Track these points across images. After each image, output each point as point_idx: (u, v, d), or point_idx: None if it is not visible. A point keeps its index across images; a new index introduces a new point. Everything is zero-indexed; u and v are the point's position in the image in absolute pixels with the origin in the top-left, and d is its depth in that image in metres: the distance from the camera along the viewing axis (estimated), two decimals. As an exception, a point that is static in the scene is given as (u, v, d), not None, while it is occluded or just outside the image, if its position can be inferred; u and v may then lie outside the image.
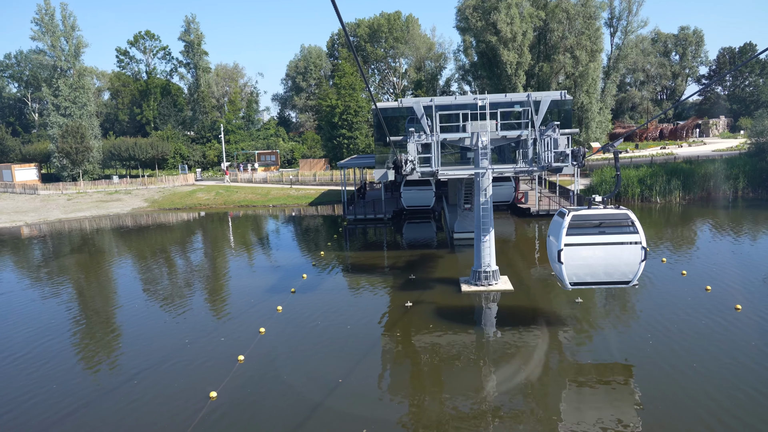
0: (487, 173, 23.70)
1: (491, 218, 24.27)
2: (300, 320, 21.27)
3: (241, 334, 19.96)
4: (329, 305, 22.92)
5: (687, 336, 17.88)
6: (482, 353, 17.63)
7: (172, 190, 62.35)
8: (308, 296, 24.46)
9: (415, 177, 29.07)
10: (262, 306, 23.33)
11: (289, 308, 22.73)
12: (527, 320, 20.18)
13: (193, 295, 25.90)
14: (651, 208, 44.33)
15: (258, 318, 21.72)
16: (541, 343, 18.01)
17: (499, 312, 21.65)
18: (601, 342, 17.95)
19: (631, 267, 16.42)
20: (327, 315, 21.69)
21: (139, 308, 24.01)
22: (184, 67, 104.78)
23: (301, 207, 55.15)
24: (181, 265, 33.05)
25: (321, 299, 23.90)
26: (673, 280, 24.21)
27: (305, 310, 22.36)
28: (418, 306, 22.25)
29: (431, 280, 25.97)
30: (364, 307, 22.62)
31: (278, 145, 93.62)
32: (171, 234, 44.17)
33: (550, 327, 19.39)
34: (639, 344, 17.40)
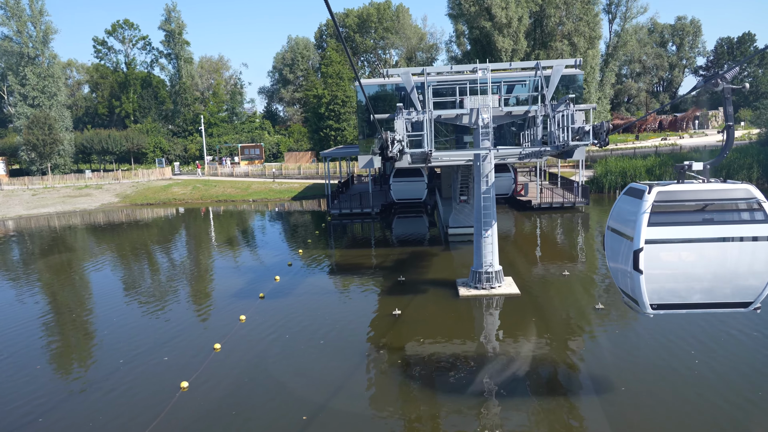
0: (489, 156, 20.08)
1: (494, 210, 20.68)
2: (265, 332, 17.57)
3: (188, 358, 16.21)
4: (302, 314, 19.23)
5: (742, 359, 14.38)
6: (486, 376, 14.04)
7: (147, 185, 58.32)
8: (279, 302, 20.77)
9: (405, 164, 25.44)
10: (223, 314, 19.61)
11: (254, 317, 19.02)
12: (538, 331, 16.60)
13: (131, 306, 22.12)
14: (660, 200, 41.00)
15: (214, 331, 17.99)
16: (557, 366, 14.45)
17: (505, 322, 18.06)
18: (627, 361, 14.41)
19: (760, 279, 9.53)
20: (297, 326, 18.00)
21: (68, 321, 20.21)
22: (165, 57, 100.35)
23: (284, 201, 51.36)
24: (132, 268, 29.19)
25: (293, 306, 20.21)
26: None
27: (273, 320, 18.66)
28: (407, 314, 18.63)
29: (423, 283, 22.37)
30: (343, 316, 18.95)
31: (263, 138, 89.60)
32: (133, 232, 40.22)
33: (566, 342, 15.83)
34: (679, 372, 13.87)
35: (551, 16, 72.68)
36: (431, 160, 20.79)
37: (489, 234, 20.61)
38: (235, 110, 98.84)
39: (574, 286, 21.24)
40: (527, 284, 21.58)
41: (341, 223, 39.12)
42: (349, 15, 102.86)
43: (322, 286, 22.75)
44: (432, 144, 17.85)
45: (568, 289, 20.80)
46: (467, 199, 31.08)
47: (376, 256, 28.55)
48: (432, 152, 17.58)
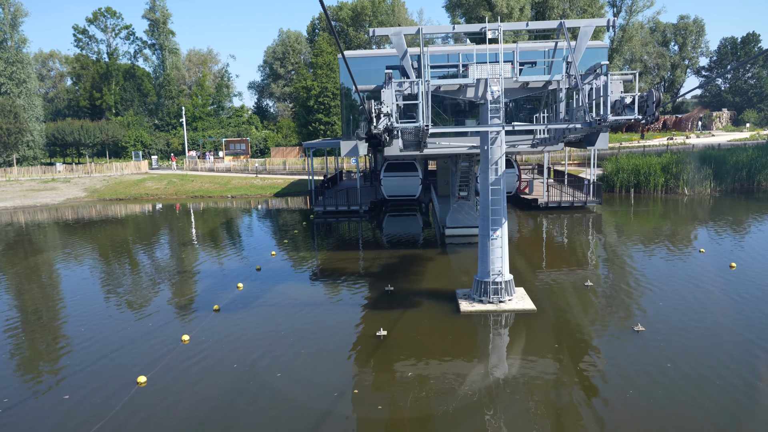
0: (500, 138, 16.12)
1: (504, 206, 16.72)
2: (212, 359, 13.52)
3: (100, 397, 12.11)
4: (260, 336, 15.17)
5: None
6: (497, 419, 10.05)
7: (119, 179, 54.01)
8: (236, 318, 16.69)
9: (396, 152, 21.50)
10: (163, 333, 15.51)
11: (199, 337, 14.95)
12: (565, 364, 12.63)
13: (63, 317, 17.96)
14: (678, 200, 37.25)
15: (145, 357, 13.90)
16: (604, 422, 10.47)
17: (520, 347, 14.05)
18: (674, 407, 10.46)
19: None
20: (249, 353, 13.93)
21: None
22: (149, 48, 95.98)
23: (265, 198, 47.22)
24: (63, 275, 24.97)
25: (253, 323, 16.15)
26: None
27: (221, 343, 14.59)
28: (395, 336, 14.63)
29: (416, 294, 18.36)
30: (311, 339, 14.89)
31: (250, 133, 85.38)
32: (84, 231, 35.95)
33: (604, 380, 11.86)
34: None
35: (555, 8, 69.07)
36: (426, 143, 16.82)
37: (498, 235, 16.64)
38: (221, 103, 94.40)
39: (602, 299, 17.30)
40: (543, 297, 17.62)
41: (325, 221, 35.07)
42: (342, 8, 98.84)
43: (292, 297, 18.67)
44: (428, 118, 13.84)
45: (595, 304, 16.83)
46: (467, 196, 27.12)
47: (361, 259, 24.53)
48: (428, 129, 13.56)
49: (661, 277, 19.35)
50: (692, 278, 18.97)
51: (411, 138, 15.94)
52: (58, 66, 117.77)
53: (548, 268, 21.55)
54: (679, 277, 19.26)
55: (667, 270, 20.31)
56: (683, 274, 19.64)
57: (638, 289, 18.08)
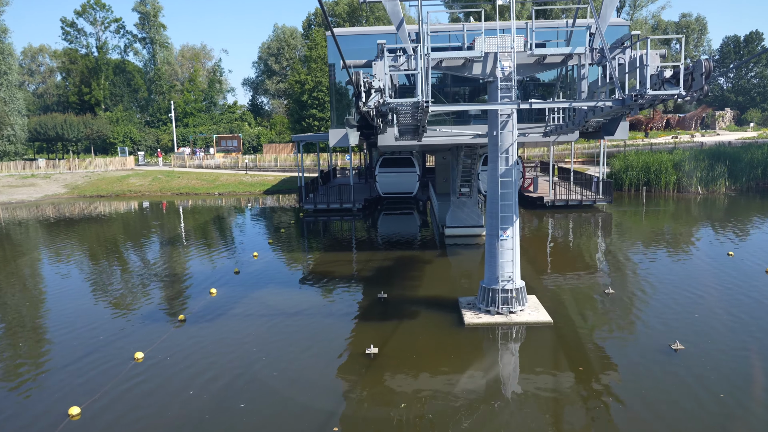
0: (512, 121, 13.80)
1: (516, 201, 14.41)
2: (164, 384, 11.16)
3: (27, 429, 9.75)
4: (229, 352, 12.81)
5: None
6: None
7: (102, 175, 51.48)
8: (204, 330, 14.32)
9: (391, 142, 19.20)
10: (115, 348, 13.14)
11: (159, 354, 12.59)
12: (593, 388, 10.32)
13: (17, 325, 15.56)
14: (690, 199, 35.02)
15: (90, 376, 11.53)
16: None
17: (538, 369, 11.70)
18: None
19: None
20: (216, 376, 11.57)
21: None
22: (139, 42, 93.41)
23: (255, 196, 44.80)
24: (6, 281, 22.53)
25: (222, 337, 13.78)
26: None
27: (183, 363, 12.22)
28: (388, 354, 12.30)
29: (412, 302, 16.03)
30: (288, 357, 12.54)
31: (243, 129, 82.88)
32: (51, 230, 33.47)
33: (648, 409, 9.56)
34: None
35: (557, 2, 66.88)
36: (426, 127, 14.47)
37: (509, 235, 14.32)
38: (213, 99, 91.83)
39: (627, 310, 14.98)
40: (559, 306, 15.31)
41: (316, 220, 32.70)
42: (339, 3, 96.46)
43: (271, 306, 16.29)
44: (428, 94, 11.48)
45: (621, 316, 14.52)
46: (469, 193, 24.81)
47: (352, 262, 22.19)
48: (429, 106, 11.20)
49: (691, 284, 17.06)
50: (726, 285, 16.68)
51: (408, 121, 13.63)
52: (48, 61, 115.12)
53: (560, 273, 19.22)
54: (711, 284, 16.98)
55: (696, 276, 18.02)
56: (715, 280, 17.36)
57: (667, 297, 15.77)
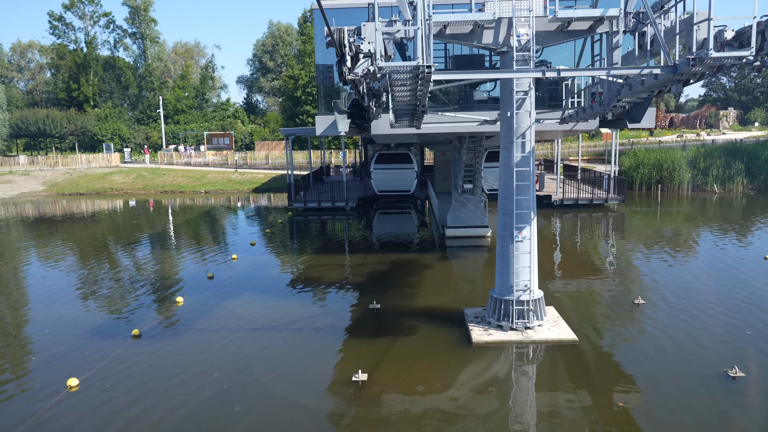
0: (530, 98, 11.50)
1: (533, 197, 12.11)
2: (99, 424, 8.81)
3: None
4: (184, 378, 10.45)
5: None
6: None
7: (84, 172, 49.00)
8: (158, 350, 11.96)
9: (386, 131, 16.89)
10: (47, 373, 10.76)
11: (97, 381, 10.23)
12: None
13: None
14: (706, 199, 32.78)
15: (12, 413, 9.17)
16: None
17: (565, 406, 9.36)
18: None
19: None
20: (169, 412, 9.21)
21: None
22: (129, 37, 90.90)
23: (243, 194, 42.42)
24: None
25: (178, 360, 11.42)
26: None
27: (128, 392, 9.87)
28: (378, 381, 9.96)
29: (410, 313, 13.70)
30: (255, 385, 10.19)
31: (235, 127, 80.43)
32: (16, 229, 31.01)
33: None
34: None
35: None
36: (426, 108, 12.12)
37: (525, 236, 12.00)
38: (205, 96, 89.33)
39: (667, 324, 12.65)
40: (582, 320, 13.00)
41: (306, 219, 30.34)
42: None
43: (243, 318, 13.93)
44: (430, 57, 9.15)
45: (660, 332, 12.19)
46: (473, 189, 22.50)
47: (342, 266, 19.83)
48: (431, 73, 8.87)
49: (731, 292, 14.78)
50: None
51: (405, 98, 11.33)
52: (38, 57, 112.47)
53: (577, 279, 16.89)
54: (754, 293, 14.70)
55: (734, 283, 15.73)
56: (758, 289, 15.08)
57: (709, 308, 13.47)
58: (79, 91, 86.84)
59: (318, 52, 19.62)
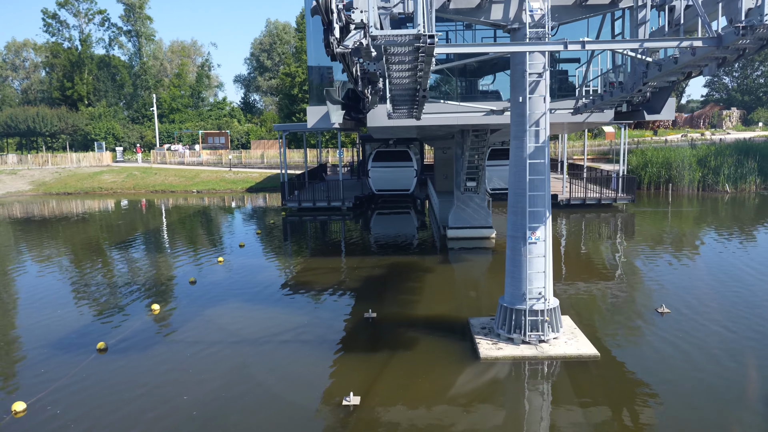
0: (544, 81, 10.14)
1: (548, 192, 10.76)
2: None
3: None
4: (149, 401, 9.06)
5: None
6: None
7: (73, 172, 47.57)
8: (125, 367, 10.56)
9: (381, 120, 15.60)
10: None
11: (48, 405, 8.84)
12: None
13: None
14: (717, 198, 31.44)
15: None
16: None
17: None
18: None
19: None
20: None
21: None
22: (124, 35, 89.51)
23: (236, 193, 41.03)
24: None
25: (146, 379, 10.03)
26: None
27: (82, 414, 8.48)
28: (373, 405, 8.58)
29: (409, 324, 12.32)
30: (231, 410, 8.80)
31: (231, 126, 79.06)
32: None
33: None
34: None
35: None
36: (427, 93, 10.73)
37: (539, 237, 10.63)
38: (200, 94, 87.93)
39: (699, 337, 11.26)
40: (602, 331, 11.63)
41: (300, 220, 28.95)
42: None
43: (225, 329, 12.53)
44: (432, 25, 7.79)
45: (693, 345, 10.81)
46: (476, 187, 21.13)
47: (336, 270, 18.44)
48: (434, 42, 7.52)
49: (763, 299, 13.42)
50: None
51: (404, 79, 9.96)
52: (33, 56, 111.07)
53: (590, 284, 15.51)
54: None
55: (764, 289, 14.37)
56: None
57: (744, 320, 12.10)
58: (73, 89, 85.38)
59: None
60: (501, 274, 16.88)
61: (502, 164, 30.04)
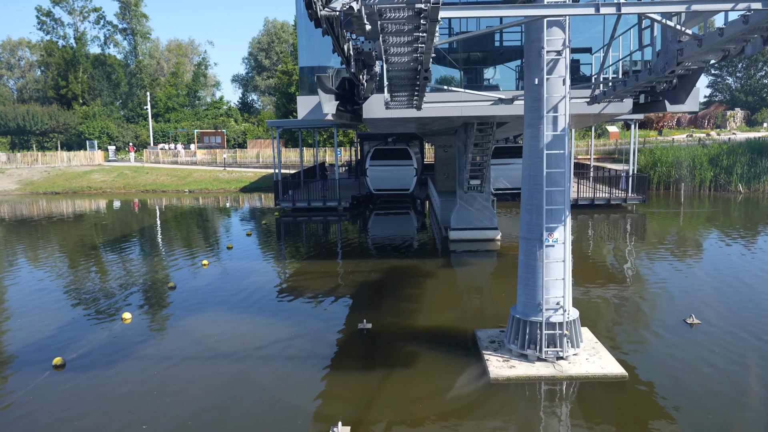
0: (564, 59, 8.82)
1: (568, 188, 9.41)
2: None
3: None
4: (109, 428, 7.69)
5: None
6: None
7: (63, 171, 46.20)
8: (81, 387, 9.20)
9: (378, 111, 14.37)
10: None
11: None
12: None
13: None
14: (730, 199, 30.11)
15: None
16: None
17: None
18: None
19: None
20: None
21: None
22: (120, 33, 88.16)
23: (229, 193, 39.67)
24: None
25: (109, 395, 8.65)
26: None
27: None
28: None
29: (407, 336, 10.95)
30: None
31: (228, 125, 77.73)
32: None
33: None
34: None
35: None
36: (429, 70, 9.38)
37: (558, 239, 9.28)
38: (196, 93, 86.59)
39: (734, 351, 9.90)
40: (627, 346, 10.27)
41: (294, 220, 27.58)
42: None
43: (201, 341, 11.16)
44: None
45: (731, 362, 9.45)
46: (480, 186, 19.77)
47: (329, 274, 17.05)
48: (438, 4, 6.20)
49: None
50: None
51: (403, 58, 8.65)
52: (28, 55, 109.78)
53: (606, 291, 14.14)
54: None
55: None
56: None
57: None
58: (68, 88, 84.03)
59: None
60: (507, 278, 15.55)
61: (506, 163, 28.73)
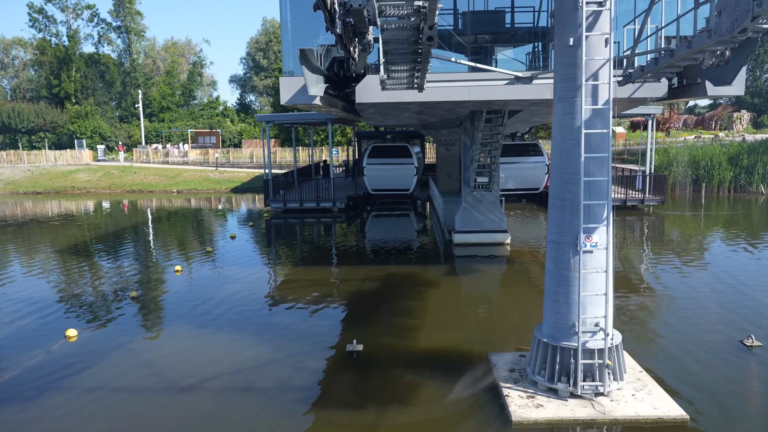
0: (607, 13, 6.82)
1: (611, 179, 7.38)
2: None
3: None
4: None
5: None
6: None
7: (47, 170, 44.20)
8: (5, 416, 7.18)
9: (373, 95, 12.41)
10: None
11: None
12: None
13: None
14: (751, 200, 28.11)
15: None
16: None
17: None
18: None
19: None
20: None
21: None
22: (113, 31, 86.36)
23: (220, 194, 37.67)
24: None
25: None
26: None
27: None
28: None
29: (406, 362, 8.94)
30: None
31: (224, 125, 75.87)
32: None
33: None
34: None
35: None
36: (433, 28, 7.40)
37: (598, 243, 7.28)
38: (192, 92, 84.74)
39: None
40: (680, 376, 8.26)
41: (286, 222, 25.57)
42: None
43: (150, 366, 9.15)
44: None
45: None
46: (488, 184, 17.77)
47: (318, 282, 15.02)
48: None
49: None
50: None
51: (402, 19, 6.72)
52: (22, 54, 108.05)
53: (635, 301, 12.12)
54: None
55: None
56: None
57: None
58: (60, 87, 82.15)
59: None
60: (520, 288, 13.54)
61: (514, 161, 26.77)
